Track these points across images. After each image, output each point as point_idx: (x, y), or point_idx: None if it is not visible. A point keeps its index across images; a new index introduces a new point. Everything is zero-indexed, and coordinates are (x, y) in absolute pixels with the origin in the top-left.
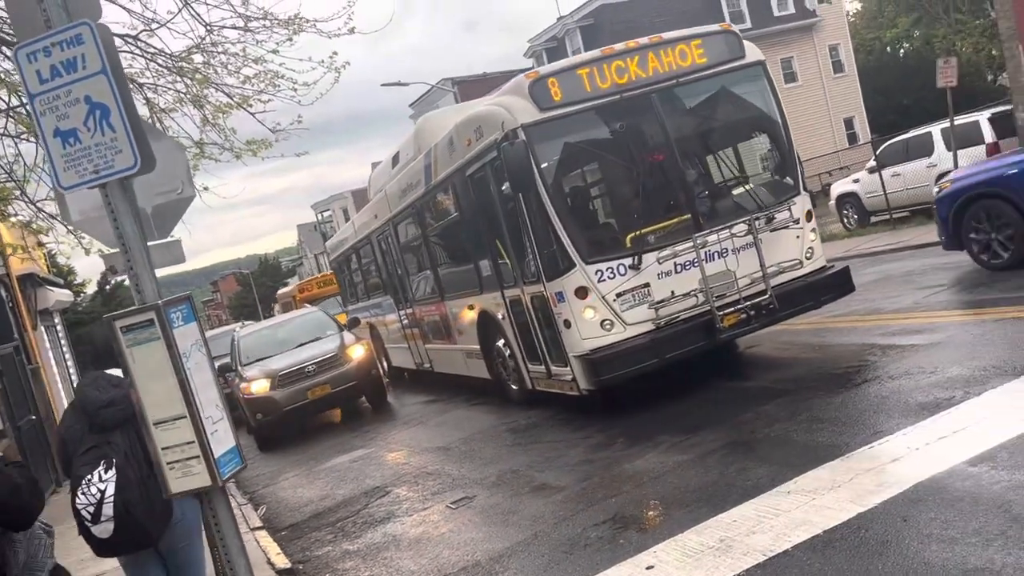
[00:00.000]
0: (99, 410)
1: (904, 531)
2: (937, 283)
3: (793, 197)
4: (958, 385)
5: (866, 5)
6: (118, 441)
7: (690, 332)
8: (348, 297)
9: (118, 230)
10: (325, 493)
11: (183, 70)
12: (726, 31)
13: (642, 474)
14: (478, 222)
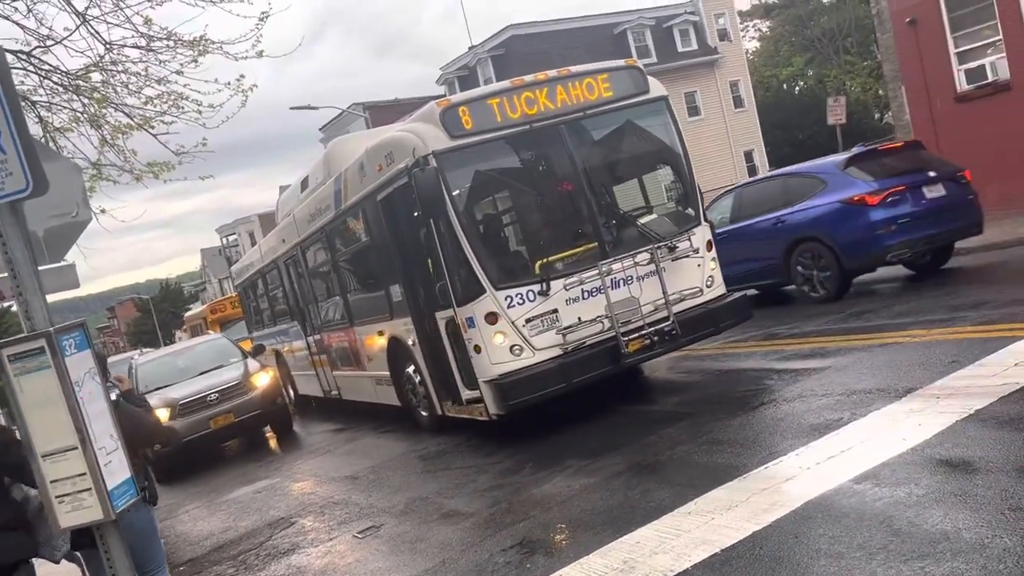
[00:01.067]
0: None
1: (795, 547)
2: (830, 311)
3: (694, 227)
4: (846, 407)
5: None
6: None
7: (597, 357)
8: (253, 323)
9: (7, 255)
10: (227, 525)
11: (80, 89)
12: (631, 66)
13: (550, 498)
14: (389, 248)
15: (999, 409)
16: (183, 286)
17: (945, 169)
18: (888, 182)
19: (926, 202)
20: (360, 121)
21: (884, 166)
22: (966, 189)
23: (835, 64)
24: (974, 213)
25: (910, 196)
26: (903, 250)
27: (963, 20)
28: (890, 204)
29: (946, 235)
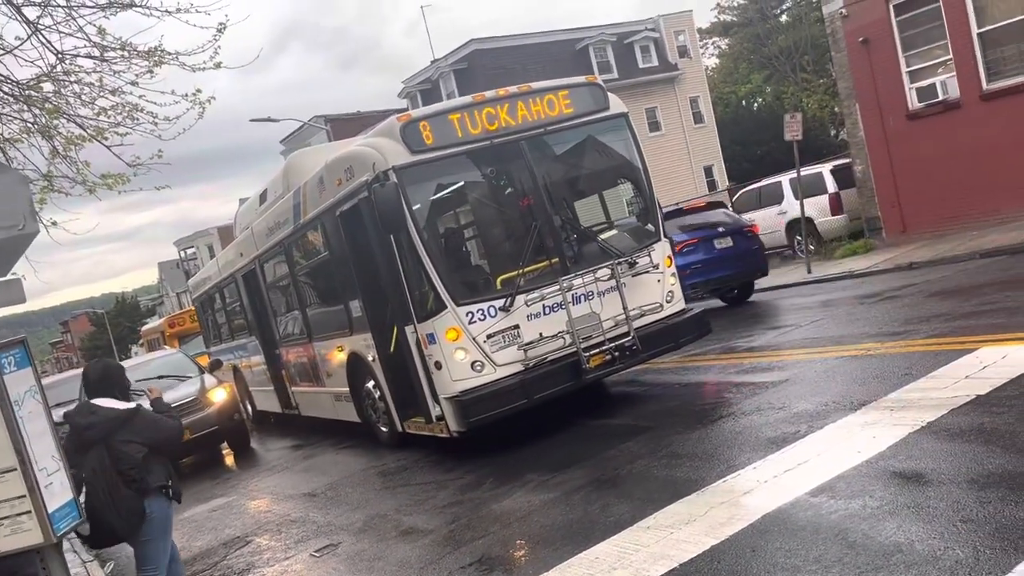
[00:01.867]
0: (80, 431)
1: (753, 561)
2: (787, 323)
3: (654, 243)
4: (803, 420)
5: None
6: (91, 457)
7: (558, 373)
8: (211, 338)
9: None
10: (181, 545)
11: (31, 99)
12: (591, 83)
13: (509, 514)
14: (348, 262)
15: (951, 421)
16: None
17: (735, 224)
18: (684, 236)
19: (717, 251)
20: (322, 134)
21: (686, 222)
22: (752, 240)
23: (792, 82)
24: (759, 260)
25: (703, 247)
26: (697, 289)
27: (914, 40)
28: (686, 253)
29: (735, 278)
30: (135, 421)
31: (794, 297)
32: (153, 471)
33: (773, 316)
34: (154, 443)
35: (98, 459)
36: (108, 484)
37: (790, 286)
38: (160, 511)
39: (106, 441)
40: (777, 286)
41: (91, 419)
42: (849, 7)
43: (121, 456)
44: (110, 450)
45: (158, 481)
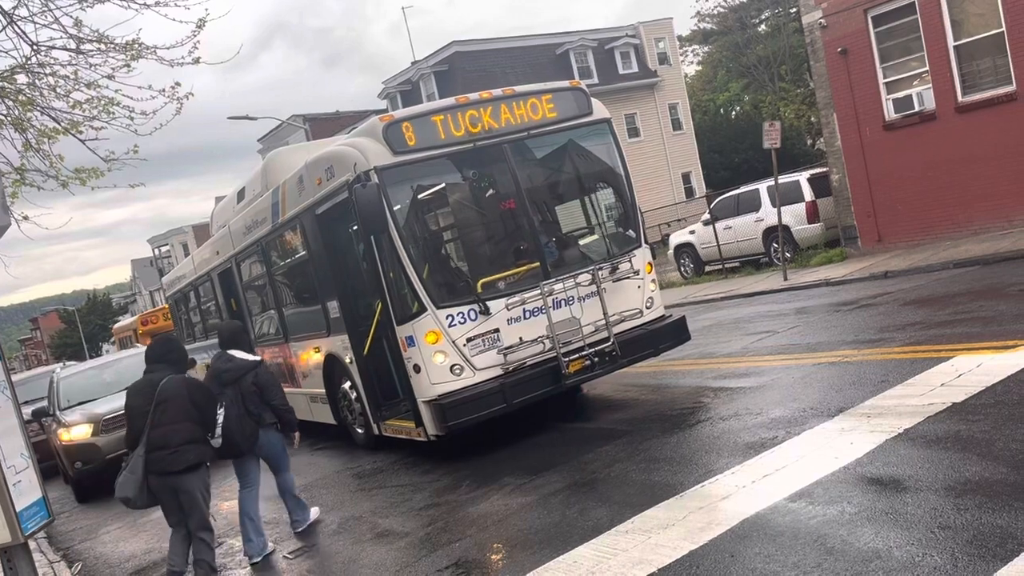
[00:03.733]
0: (220, 374)
1: (731, 566)
2: (764, 329)
3: (634, 249)
4: (781, 426)
5: (702, 69)
6: (229, 393)
7: (537, 378)
8: (184, 337)
9: None
10: (150, 547)
11: (4, 91)
12: (575, 88)
13: (486, 517)
14: (327, 263)
15: (927, 428)
16: (112, 298)
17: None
18: None
19: None
20: (300, 133)
21: None
22: None
23: (770, 90)
24: None
25: None
26: None
27: (892, 51)
28: None
29: None
30: (258, 372)
31: (770, 304)
32: (264, 411)
33: (750, 322)
34: (266, 398)
35: (232, 394)
36: (236, 414)
37: (766, 293)
38: (270, 440)
39: (238, 382)
40: (754, 293)
41: (227, 365)
42: (828, 18)
43: (247, 395)
44: (240, 389)
45: (271, 419)
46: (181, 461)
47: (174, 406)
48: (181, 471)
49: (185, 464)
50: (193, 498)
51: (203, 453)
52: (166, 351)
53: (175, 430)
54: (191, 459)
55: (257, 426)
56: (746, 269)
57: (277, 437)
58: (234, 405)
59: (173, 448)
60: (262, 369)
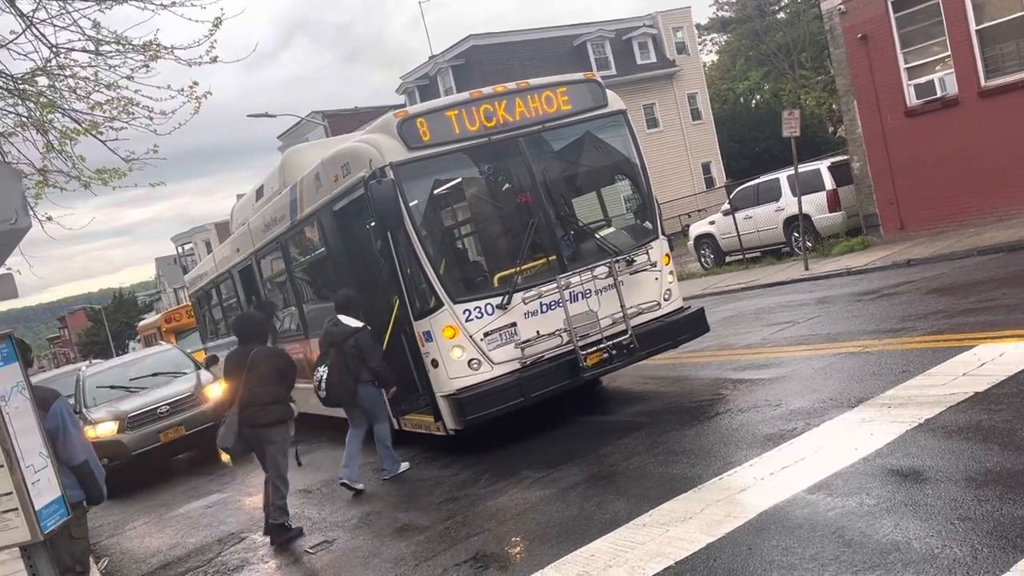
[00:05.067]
0: (328, 335)
1: (749, 559)
2: (784, 320)
3: (651, 241)
4: (800, 417)
5: (721, 58)
6: (333, 353)
7: (555, 371)
8: (207, 334)
9: None
10: (175, 541)
11: (26, 93)
12: (590, 80)
13: (505, 511)
14: (345, 259)
15: (948, 419)
16: (137, 296)
17: None
18: None
19: None
20: (319, 129)
21: None
22: None
23: (790, 78)
24: None
25: None
26: None
27: (913, 36)
28: None
29: None
30: (359, 336)
31: (791, 294)
32: (363, 370)
33: (770, 313)
34: (365, 359)
35: (336, 355)
36: (338, 371)
37: (787, 283)
38: (367, 394)
39: (341, 344)
40: (774, 283)
41: (334, 329)
42: (847, 3)
43: (348, 355)
44: (343, 350)
45: (367, 377)
46: (267, 416)
47: (261, 372)
48: (267, 424)
49: (271, 419)
50: (275, 449)
51: (285, 412)
52: (255, 326)
53: (262, 391)
54: (276, 416)
55: (356, 382)
56: (767, 259)
57: (374, 391)
58: (336, 363)
59: (260, 406)
60: (363, 334)
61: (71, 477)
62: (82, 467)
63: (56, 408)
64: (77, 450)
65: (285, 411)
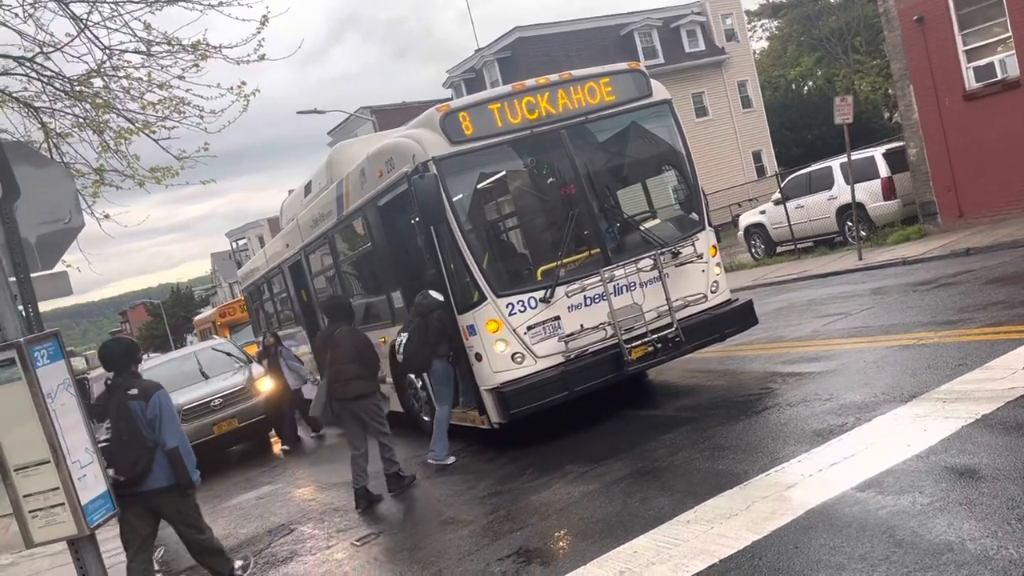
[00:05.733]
0: (416, 306)
1: (795, 558)
2: (836, 311)
3: (698, 232)
4: (851, 412)
5: (772, 44)
6: (417, 322)
7: (599, 365)
8: (259, 328)
9: None
10: (227, 532)
11: (82, 94)
12: (634, 70)
13: (548, 506)
14: (390, 254)
15: (1007, 414)
16: (194, 290)
17: None
18: None
19: None
20: (368, 124)
21: None
22: None
23: (844, 63)
24: None
25: None
26: None
27: (971, 17)
28: None
29: None
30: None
31: (844, 285)
32: (442, 344)
33: (822, 304)
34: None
35: (419, 324)
36: (417, 341)
37: (840, 273)
38: (439, 367)
39: (427, 316)
40: (827, 273)
41: (422, 300)
42: None
43: (430, 327)
44: (427, 322)
45: (443, 352)
46: (350, 391)
47: (343, 350)
48: (351, 399)
49: (353, 393)
50: (368, 417)
51: (367, 387)
52: (343, 307)
53: (344, 368)
54: (358, 390)
55: (432, 354)
56: (819, 249)
57: (446, 366)
58: (417, 332)
59: (343, 381)
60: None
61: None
62: (172, 452)
63: (156, 399)
64: (169, 437)
65: (367, 386)
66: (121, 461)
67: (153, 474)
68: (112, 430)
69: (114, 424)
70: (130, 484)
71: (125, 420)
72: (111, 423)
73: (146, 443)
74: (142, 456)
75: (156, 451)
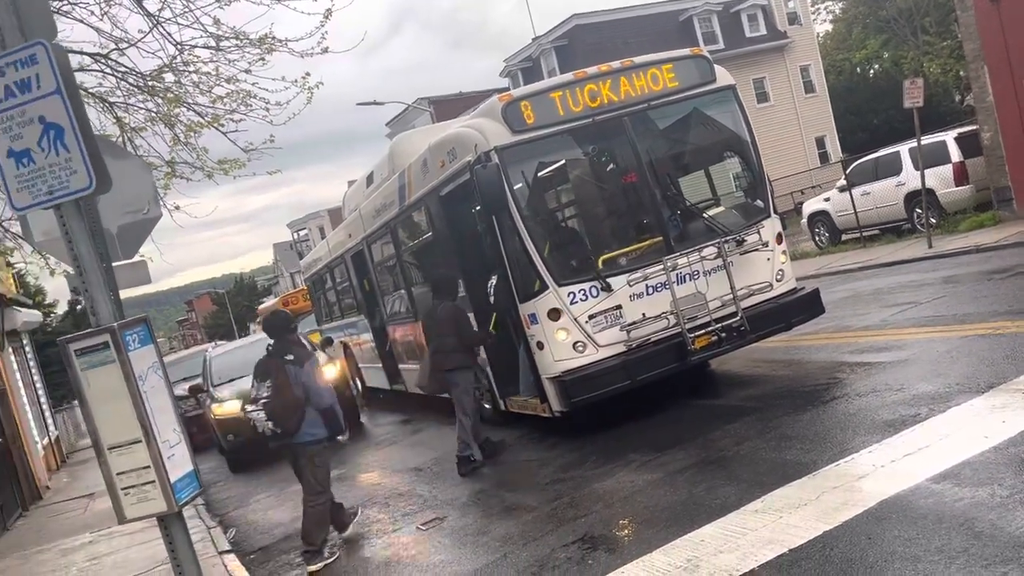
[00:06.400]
0: None
1: (868, 549)
2: (905, 301)
3: (763, 220)
4: (924, 402)
5: (836, 27)
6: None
7: (661, 354)
8: (322, 316)
9: (73, 251)
10: (296, 515)
11: (154, 89)
12: (697, 55)
13: (612, 493)
14: (452, 243)
15: None
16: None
17: None
18: None
19: None
20: (425, 115)
21: None
22: None
23: (912, 45)
24: None
25: None
26: None
27: None
28: None
29: None
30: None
31: (913, 273)
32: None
33: (890, 293)
34: None
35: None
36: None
37: (909, 262)
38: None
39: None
40: (895, 262)
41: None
42: None
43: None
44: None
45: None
46: (450, 362)
47: (444, 324)
48: (451, 369)
49: (453, 364)
50: (458, 391)
51: (465, 359)
52: (448, 283)
53: (445, 341)
54: (456, 361)
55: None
56: (886, 237)
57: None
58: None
59: (444, 353)
60: None
61: (316, 418)
62: (327, 411)
63: (308, 364)
64: (324, 397)
65: (464, 359)
66: (278, 417)
67: (303, 429)
68: (272, 389)
69: (273, 384)
70: (284, 436)
71: (282, 380)
72: (271, 383)
73: (299, 402)
74: (294, 413)
75: (307, 409)
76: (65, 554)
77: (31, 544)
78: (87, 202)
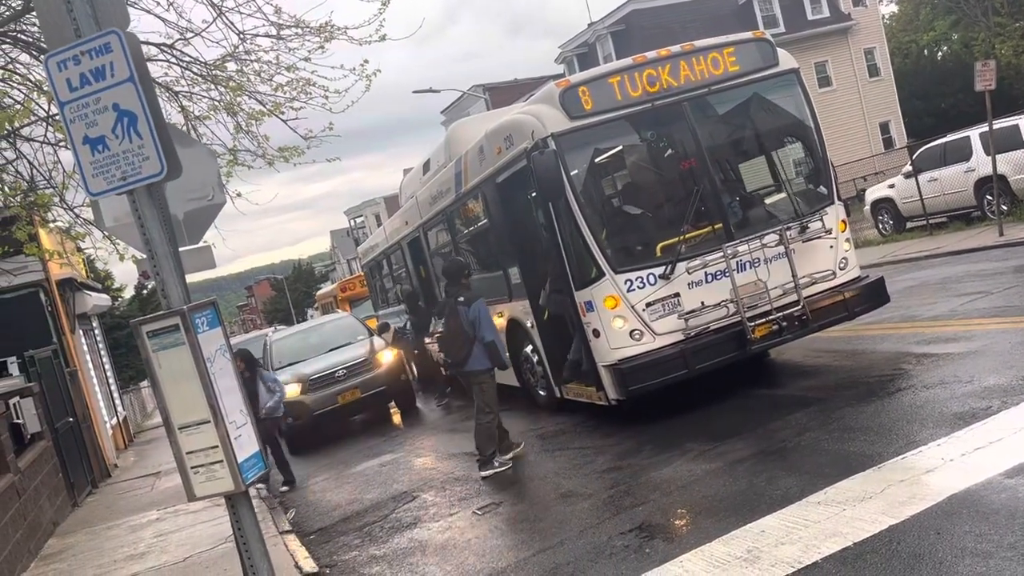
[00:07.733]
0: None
1: (937, 544)
2: (975, 290)
3: (826, 207)
4: (995, 395)
5: (902, 8)
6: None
7: (720, 343)
8: (379, 302)
9: (145, 236)
10: (353, 497)
11: (217, 78)
12: (759, 39)
13: (669, 482)
14: (508, 230)
15: None
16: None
17: None
18: None
19: None
20: (480, 103)
21: None
22: None
23: (983, 26)
24: None
25: None
26: None
27: None
28: None
29: None
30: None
31: (982, 262)
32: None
33: (958, 282)
34: None
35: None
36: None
37: (978, 250)
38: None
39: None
40: (963, 250)
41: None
42: None
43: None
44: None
45: None
46: None
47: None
48: None
49: None
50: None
51: None
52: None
53: None
54: None
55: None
56: (954, 225)
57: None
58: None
59: None
60: None
61: (483, 351)
62: (490, 345)
63: (476, 305)
64: (487, 332)
65: None
66: (450, 349)
67: (471, 360)
68: (444, 326)
69: (446, 322)
70: (455, 366)
71: (453, 319)
72: (444, 321)
73: (468, 337)
74: (464, 346)
75: (474, 344)
76: (134, 530)
77: (100, 520)
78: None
